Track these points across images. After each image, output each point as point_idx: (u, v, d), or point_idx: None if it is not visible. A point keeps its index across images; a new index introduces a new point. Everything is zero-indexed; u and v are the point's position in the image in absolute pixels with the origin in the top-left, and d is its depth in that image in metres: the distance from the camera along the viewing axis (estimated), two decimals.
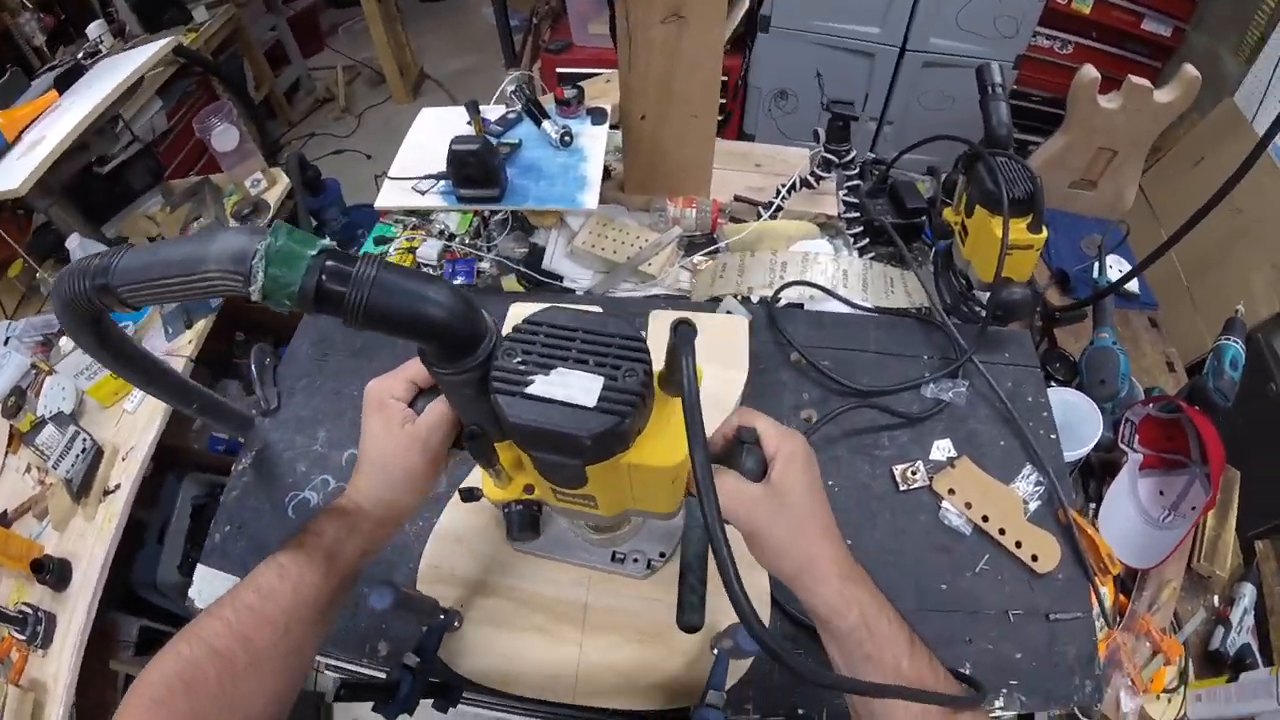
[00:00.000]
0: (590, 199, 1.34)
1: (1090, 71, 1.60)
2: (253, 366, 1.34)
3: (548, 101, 1.55)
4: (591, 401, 0.56)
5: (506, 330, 0.62)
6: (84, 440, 1.63)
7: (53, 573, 1.48)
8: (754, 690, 0.95)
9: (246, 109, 3.38)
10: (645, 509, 0.74)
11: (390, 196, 1.43)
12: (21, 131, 1.91)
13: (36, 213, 2.16)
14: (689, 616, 0.92)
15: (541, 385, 0.56)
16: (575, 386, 0.56)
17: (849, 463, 1.16)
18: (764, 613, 0.96)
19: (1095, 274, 1.61)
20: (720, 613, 0.94)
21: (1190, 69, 1.56)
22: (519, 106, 1.49)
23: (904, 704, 0.61)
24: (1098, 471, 1.38)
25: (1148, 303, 1.74)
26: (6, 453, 1.79)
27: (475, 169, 1.32)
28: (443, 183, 1.39)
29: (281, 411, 1.30)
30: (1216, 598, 1.33)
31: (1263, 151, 1.24)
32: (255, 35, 3.92)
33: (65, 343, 1.71)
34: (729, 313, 1.30)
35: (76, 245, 1.81)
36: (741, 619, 0.51)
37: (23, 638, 1.43)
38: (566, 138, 1.43)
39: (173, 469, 2.16)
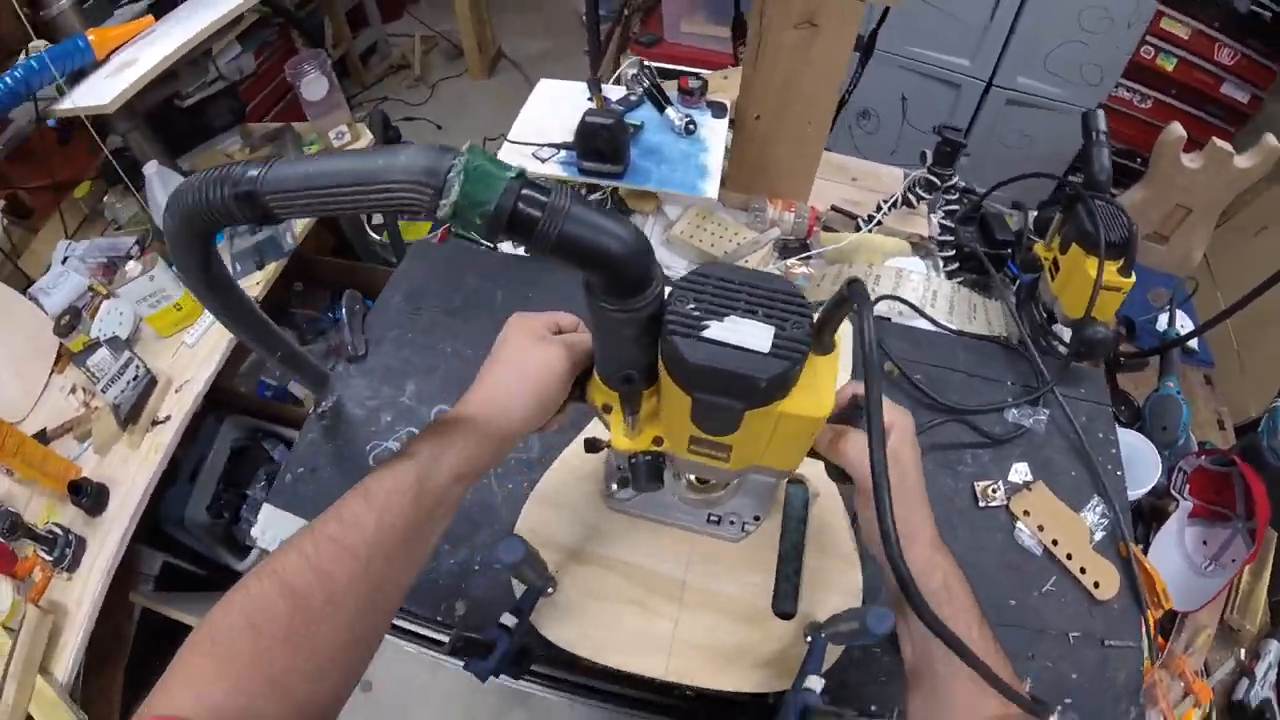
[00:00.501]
0: (711, 188, 1.37)
1: (1177, 129, 1.61)
2: (344, 312, 1.34)
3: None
4: (766, 347, 0.58)
5: None
6: (137, 367, 1.62)
7: (90, 496, 1.47)
8: (831, 684, 0.97)
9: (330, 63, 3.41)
10: (770, 463, 0.75)
11: (509, 160, 1.43)
12: (112, 52, 1.89)
13: (112, 135, 2.14)
14: (784, 603, 0.96)
15: (717, 330, 0.58)
16: (749, 333, 0.58)
17: (934, 475, 1.19)
18: (856, 602, 0.98)
19: (1162, 327, 1.65)
20: (812, 603, 0.97)
21: (1271, 139, 1.58)
22: (640, 90, 1.52)
23: (967, 679, 0.62)
24: (1146, 514, 1.41)
25: (1205, 360, 1.77)
26: (53, 371, 1.78)
27: (604, 143, 1.34)
28: (565, 153, 1.40)
29: (368, 360, 1.30)
30: (1244, 650, 1.35)
31: None
32: None
33: (131, 267, 1.67)
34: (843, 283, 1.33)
35: (154, 172, 1.79)
36: (907, 596, 0.56)
37: (49, 558, 1.42)
38: (691, 126, 1.46)
39: (215, 409, 2.17)
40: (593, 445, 0.95)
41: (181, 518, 2.11)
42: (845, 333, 0.66)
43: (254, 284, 1.91)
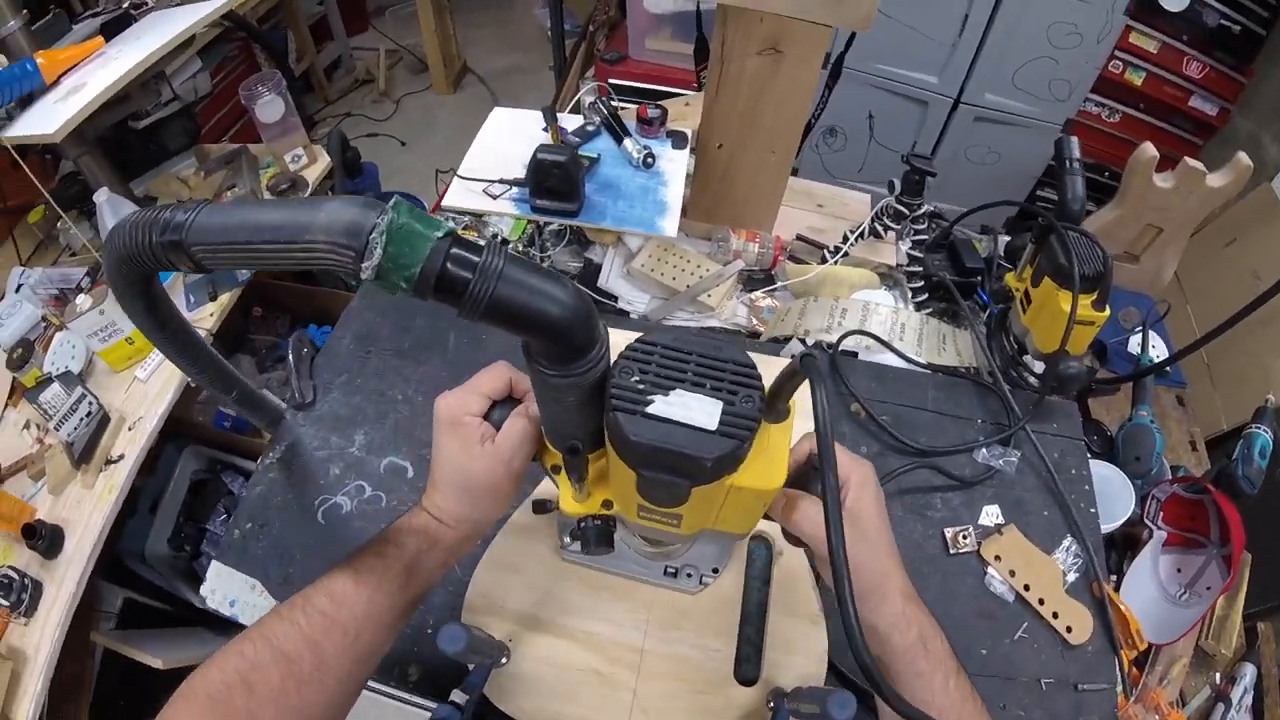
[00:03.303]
0: (670, 225, 1.32)
1: (1150, 150, 1.61)
2: (289, 355, 1.30)
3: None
4: (713, 424, 0.55)
5: None
6: (90, 404, 1.57)
7: (44, 539, 1.42)
8: None
9: (285, 81, 3.36)
10: (724, 529, 0.74)
11: (460, 197, 1.39)
12: (62, 75, 1.83)
13: (65, 160, 2.11)
14: (747, 669, 0.93)
15: (662, 405, 0.56)
16: (696, 409, 0.56)
17: (903, 521, 1.16)
18: (819, 670, 0.95)
19: (1135, 349, 1.63)
20: (777, 667, 0.94)
21: (1244, 158, 1.58)
22: (597, 120, 1.48)
23: None
24: (1119, 544, 1.39)
25: (1177, 381, 1.76)
26: (6, 406, 1.73)
27: (558, 180, 1.30)
28: (517, 190, 1.36)
29: (317, 406, 1.26)
30: (1219, 675, 1.35)
31: None
32: (302, 8, 3.92)
33: (82, 300, 1.64)
34: (792, 356, 1.30)
35: (105, 199, 1.73)
36: (851, 643, 0.53)
37: (5, 604, 1.37)
38: (649, 159, 1.42)
39: (174, 438, 2.12)
40: (540, 507, 0.93)
41: (142, 551, 2.05)
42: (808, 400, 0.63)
43: (207, 315, 1.86)
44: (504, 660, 0.93)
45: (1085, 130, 2.90)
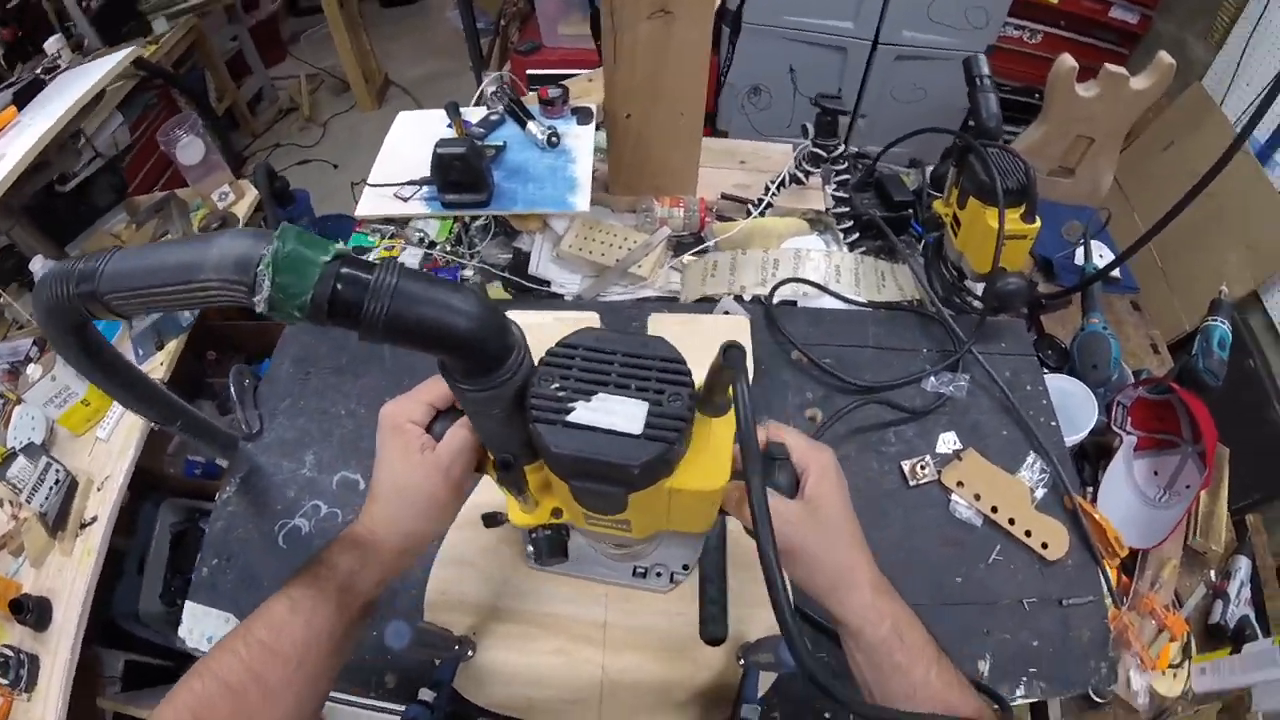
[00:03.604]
0: (582, 201, 1.31)
1: (1068, 61, 1.60)
2: (231, 389, 1.28)
3: (529, 102, 1.51)
4: (638, 429, 0.53)
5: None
6: (57, 471, 1.57)
7: (32, 612, 1.42)
8: (780, 699, 0.93)
9: (210, 121, 3.31)
10: (679, 529, 0.71)
11: (371, 205, 1.38)
12: None
13: None
14: (712, 629, 0.91)
15: (584, 412, 0.53)
16: (619, 413, 0.53)
17: (858, 460, 1.15)
18: None
19: (1080, 261, 1.63)
20: (743, 623, 0.93)
21: (1165, 56, 1.57)
22: (500, 107, 1.46)
23: None
24: (1092, 455, 1.40)
25: (1129, 286, 1.76)
26: None
27: (461, 173, 1.28)
28: (426, 189, 1.34)
29: (265, 435, 1.25)
30: (1213, 572, 1.36)
31: (1241, 144, 1.24)
32: (216, 46, 3.86)
33: (32, 370, 1.64)
34: (726, 313, 1.29)
35: (40, 267, 1.76)
36: (791, 648, 0.51)
37: (5, 682, 1.37)
38: (554, 139, 1.41)
39: (149, 495, 2.09)
40: (491, 520, 0.91)
41: (136, 612, 2.03)
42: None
43: (158, 365, 1.86)
44: (470, 654, 0.93)
45: (1008, 55, 2.91)
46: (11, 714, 1.35)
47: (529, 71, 2.77)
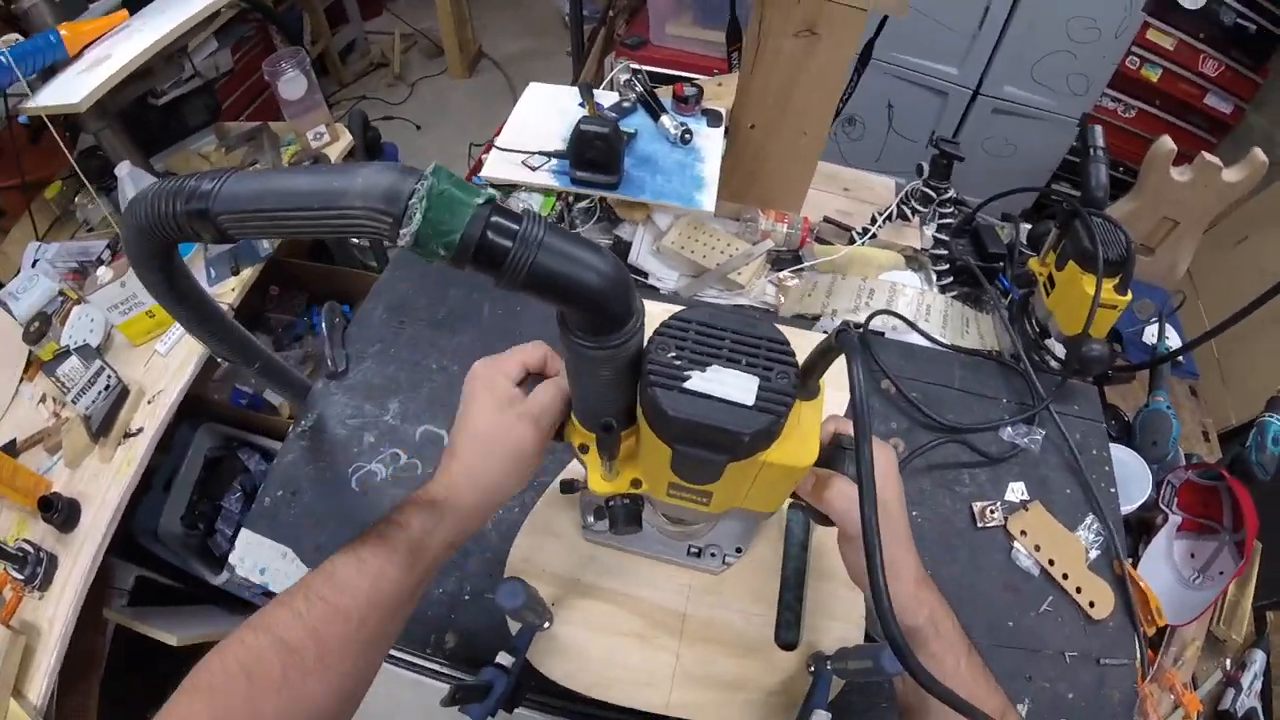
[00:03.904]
0: (708, 200, 1.34)
1: (1168, 143, 1.62)
2: (322, 324, 1.31)
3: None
4: (750, 400, 0.55)
5: None
6: (109, 377, 1.57)
7: (60, 512, 1.42)
8: (834, 711, 0.96)
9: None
10: (752, 507, 0.74)
11: (498, 168, 1.40)
12: (85, 47, 1.84)
13: (84, 134, 2.10)
14: (787, 634, 0.94)
15: (700, 381, 0.56)
16: (732, 385, 0.56)
17: (933, 495, 1.18)
18: (857, 635, 0.96)
19: (1150, 339, 1.64)
20: (815, 632, 0.96)
21: (1259, 154, 1.59)
22: (633, 96, 1.49)
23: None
24: (1135, 529, 1.41)
25: (1190, 372, 1.77)
26: (22, 379, 1.73)
27: (599, 152, 1.31)
28: (556, 161, 1.37)
29: (349, 376, 1.26)
30: (1229, 661, 1.37)
31: None
32: None
33: (102, 273, 1.64)
34: (825, 333, 1.32)
35: (126, 173, 1.73)
36: (882, 621, 0.54)
37: (20, 577, 1.37)
38: (687, 135, 1.43)
39: (188, 416, 2.12)
40: (568, 487, 0.93)
41: (155, 529, 2.06)
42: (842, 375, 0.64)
43: (229, 290, 1.86)
44: (546, 625, 0.93)
45: (1101, 125, 2.90)
46: (20, 609, 1.36)
47: (638, 69, 2.76)
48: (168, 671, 1.95)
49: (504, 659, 0.84)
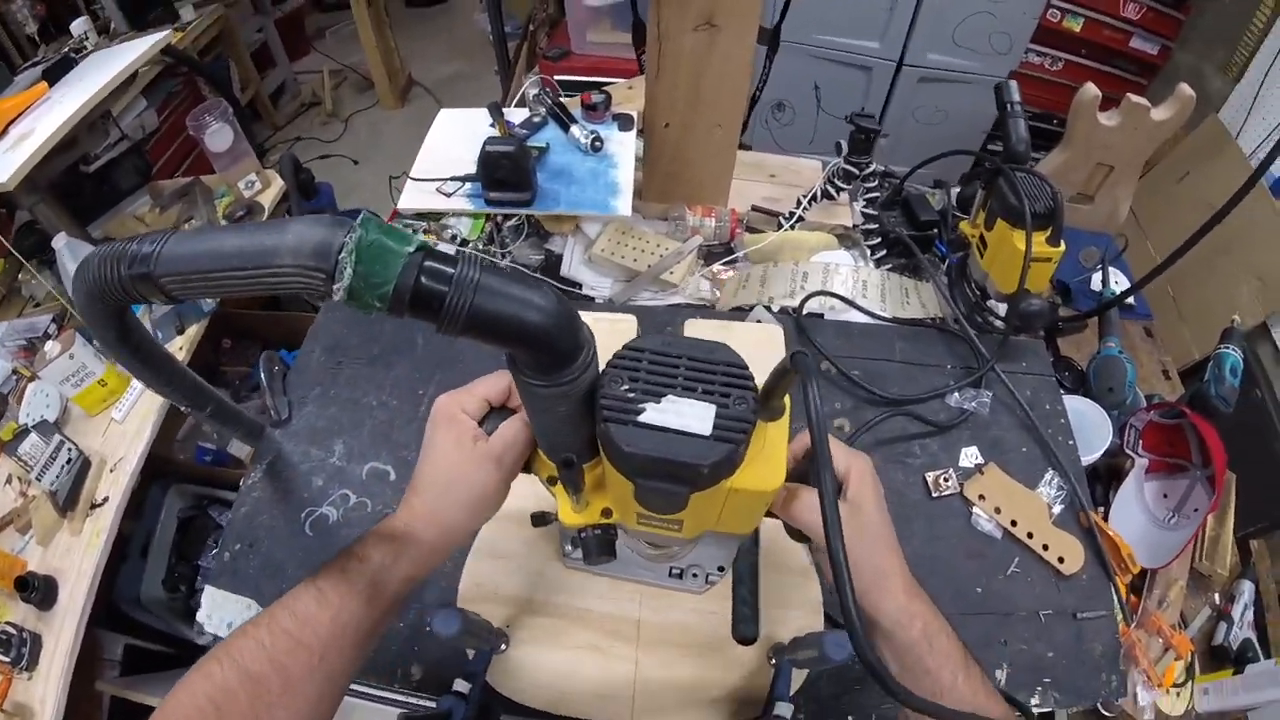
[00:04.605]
0: (624, 205, 1.34)
1: (1091, 90, 1.63)
2: (261, 374, 1.30)
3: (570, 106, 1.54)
4: (707, 430, 0.54)
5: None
6: (69, 450, 1.55)
7: (38, 590, 1.40)
8: (804, 699, 0.95)
9: (234, 110, 3.35)
10: (727, 530, 0.73)
11: (414, 198, 1.39)
12: (8, 124, 1.83)
13: (19, 210, 2.07)
14: (744, 628, 0.92)
15: (654, 413, 0.55)
16: (689, 415, 0.55)
17: (884, 470, 1.15)
18: (816, 621, 0.96)
19: (1097, 286, 1.65)
20: (774, 624, 0.95)
21: (1186, 89, 1.60)
22: (542, 110, 1.49)
23: None
24: (1104, 476, 1.41)
25: (1143, 313, 1.78)
26: None
27: (508, 171, 1.31)
28: (469, 185, 1.36)
29: (294, 422, 1.26)
30: (1218, 595, 1.38)
31: (1258, 179, 1.27)
32: (242, 36, 3.89)
33: (50, 347, 1.61)
34: (759, 321, 1.31)
35: (64, 245, 1.72)
36: (852, 638, 0.53)
37: (7, 660, 1.35)
38: (597, 143, 1.43)
39: (157, 479, 2.09)
40: (540, 519, 0.92)
41: (138, 596, 2.02)
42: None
43: (176, 349, 1.84)
44: (503, 646, 0.93)
45: (1029, 80, 2.94)
46: (11, 693, 1.34)
47: (556, 77, 2.76)
48: None
49: (460, 685, 0.84)
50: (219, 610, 1.08)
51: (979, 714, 0.58)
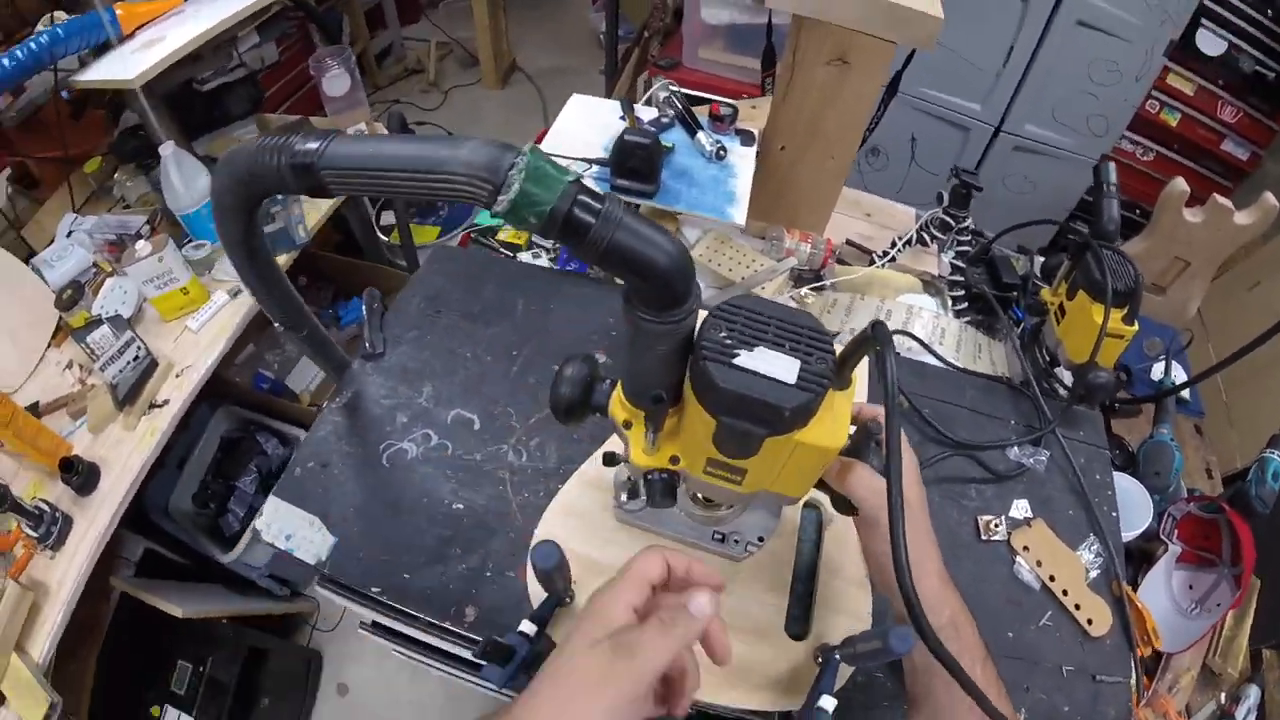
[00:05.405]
0: (739, 214, 1.39)
1: (1181, 184, 1.66)
2: (364, 308, 1.35)
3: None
4: (792, 378, 0.61)
5: None
6: (139, 348, 1.59)
7: (81, 474, 1.44)
8: (841, 705, 0.98)
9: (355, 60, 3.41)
10: (780, 489, 0.77)
11: None
12: (138, 28, 1.88)
13: (126, 113, 2.16)
14: (796, 624, 0.97)
15: (747, 359, 0.61)
16: (776, 365, 0.61)
17: (940, 507, 1.22)
18: (866, 626, 0.99)
19: (1157, 375, 1.69)
20: (822, 623, 0.99)
21: (1270, 198, 1.63)
22: (671, 113, 1.55)
23: (967, 710, 0.66)
24: (1135, 557, 1.44)
25: (1196, 410, 1.80)
26: (50, 345, 1.75)
27: (640, 162, 1.36)
28: (597, 169, 1.42)
29: (386, 358, 1.30)
30: (1224, 695, 1.38)
31: None
32: None
33: (141, 246, 1.64)
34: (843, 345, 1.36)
35: (170, 153, 1.73)
36: (912, 618, 0.60)
37: (34, 534, 1.39)
38: (722, 152, 1.48)
39: (208, 397, 2.14)
40: (610, 459, 0.96)
41: (166, 505, 2.10)
42: (859, 366, 0.69)
43: None
44: (568, 600, 0.97)
45: (1119, 167, 2.92)
46: (30, 566, 1.37)
47: (675, 87, 2.80)
48: (162, 648, 1.97)
49: (527, 627, 0.88)
50: (279, 520, 1.12)
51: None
